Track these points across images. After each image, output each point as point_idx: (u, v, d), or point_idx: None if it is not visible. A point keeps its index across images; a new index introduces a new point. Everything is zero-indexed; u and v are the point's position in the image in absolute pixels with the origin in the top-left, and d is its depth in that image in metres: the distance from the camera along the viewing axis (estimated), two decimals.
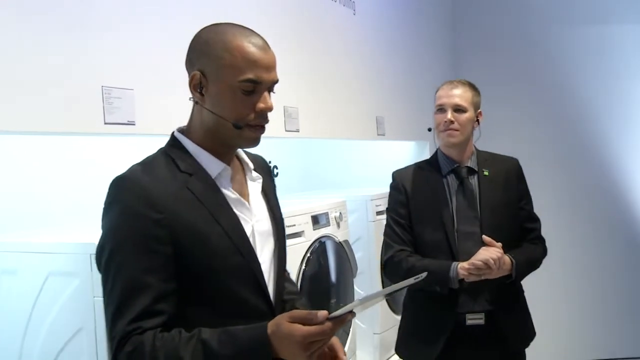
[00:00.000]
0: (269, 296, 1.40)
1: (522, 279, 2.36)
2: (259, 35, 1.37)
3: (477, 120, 2.41)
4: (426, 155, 4.08)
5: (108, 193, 1.30)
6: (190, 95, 1.38)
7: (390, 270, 2.43)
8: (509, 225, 2.36)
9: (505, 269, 2.25)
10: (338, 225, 2.83)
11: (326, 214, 2.73)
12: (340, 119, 3.18)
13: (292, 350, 1.20)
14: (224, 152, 1.40)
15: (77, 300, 1.69)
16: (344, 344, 2.82)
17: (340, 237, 2.81)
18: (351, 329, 2.87)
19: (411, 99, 4.05)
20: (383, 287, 3.28)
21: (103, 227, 1.30)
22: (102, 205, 1.32)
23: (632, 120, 4.77)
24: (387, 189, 3.47)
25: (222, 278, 1.32)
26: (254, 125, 1.35)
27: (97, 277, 1.62)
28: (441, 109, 2.38)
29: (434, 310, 2.36)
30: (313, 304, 2.63)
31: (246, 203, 1.41)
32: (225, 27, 1.36)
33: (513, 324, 2.36)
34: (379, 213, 3.31)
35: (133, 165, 1.36)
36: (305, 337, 1.18)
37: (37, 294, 1.76)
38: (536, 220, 2.48)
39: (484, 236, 2.24)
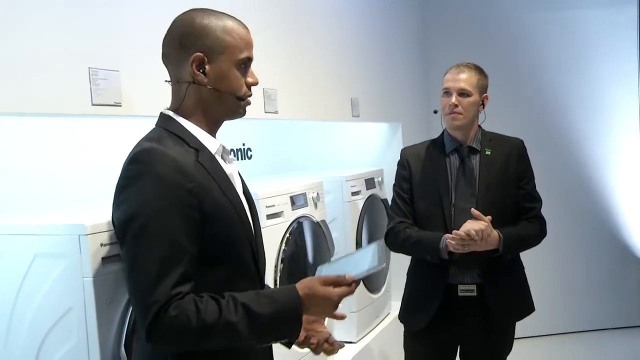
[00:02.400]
0: (258, 261, 1.55)
1: (511, 254, 2.44)
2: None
3: (483, 104, 2.51)
4: (398, 135, 4.16)
5: (132, 167, 1.35)
6: (168, 78, 1.47)
7: (390, 240, 2.59)
8: (504, 203, 2.46)
9: (492, 242, 2.34)
10: (315, 205, 2.87)
11: (304, 194, 2.77)
12: (318, 100, 3.21)
13: (325, 308, 1.42)
14: (214, 130, 1.53)
15: (66, 281, 1.69)
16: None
17: (317, 217, 2.86)
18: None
19: (384, 81, 4.10)
20: None
21: (128, 197, 1.33)
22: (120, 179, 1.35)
23: (599, 104, 4.91)
24: (362, 171, 3.57)
25: (233, 244, 1.45)
26: (246, 98, 1.51)
27: (86, 258, 1.66)
28: (447, 92, 2.49)
29: (429, 280, 2.51)
30: (293, 282, 2.68)
31: (235, 180, 1.53)
32: (215, 12, 1.48)
33: (503, 297, 2.45)
34: (354, 194, 3.37)
35: (142, 141, 1.41)
36: (340, 297, 1.42)
37: (24, 275, 1.75)
38: (537, 200, 2.55)
39: (472, 209, 2.32)
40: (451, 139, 2.54)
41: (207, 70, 1.43)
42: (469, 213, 2.34)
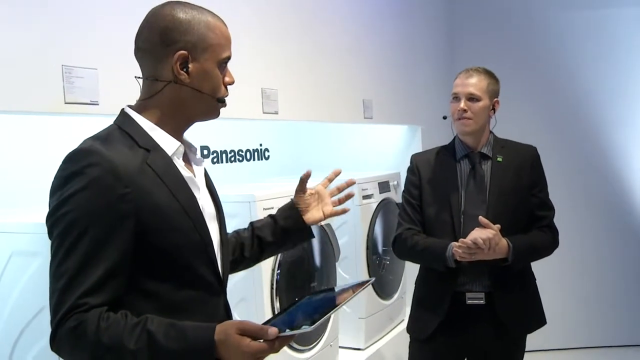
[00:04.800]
0: (218, 271, 1.45)
1: (520, 264, 2.34)
2: None
3: (493, 109, 2.44)
4: (417, 139, 4.06)
5: (67, 165, 1.26)
6: (139, 75, 1.38)
7: (397, 246, 2.53)
8: (514, 211, 2.37)
9: (500, 251, 2.25)
10: None
11: None
12: (323, 101, 3.14)
13: None
14: (180, 130, 1.43)
15: (38, 280, 1.67)
16: (326, 327, 2.81)
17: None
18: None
19: (403, 83, 4.00)
20: (369, 271, 3.28)
21: (59, 197, 1.25)
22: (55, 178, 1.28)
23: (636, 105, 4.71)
24: (375, 174, 3.50)
25: (182, 253, 1.34)
26: (224, 100, 1.44)
27: None
28: (456, 97, 2.42)
29: (437, 287, 2.44)
30: (295, 287, 2.63)
31: (197, 182, 1.43)
32: (194, 6, 1.40)
33: (513, 308, 2.36)
34: (365, 197, 3.30)
35: (87, 139, 1.33)
36: (254, 354, 1.20)
37: (1, 273, 1.76)
38: (549, 208, 2.46)
39: (480, 217, 2.23)
40: (462, 144, 2.45)
41: (190, 69, 1.35)
42: (478, 220, 2.25)
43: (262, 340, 1.20)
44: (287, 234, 1.75)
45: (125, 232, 1.25)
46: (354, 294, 1.37)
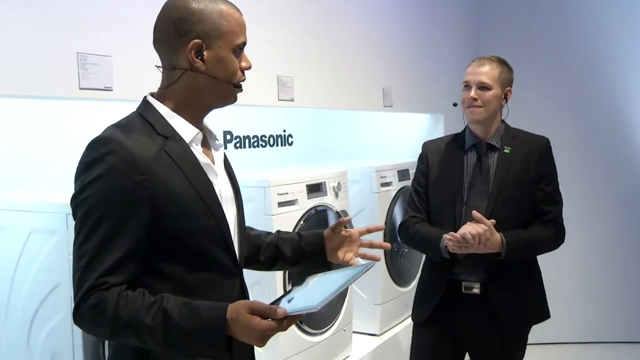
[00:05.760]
0: (235, 255, 1.49)
1: (515, 258, 2.32)
2: None
3: (506, 98, 2.43)
4: (440, 127, 4.05)
5: (89, 152, 1.34)
6: (159, 64, 1.45)
7: (401, 234, 2.59)
8: (517, 203, 2.36)
9: (493, 246, 2.26)
10: (336, 195, 2.84)
11: (322, 183, 2.75)
12: (341, 89, 3.16)
13: (248, 338, 1.29)
14: (199, 117, 1.49)
15: (55, 257, 1.76)
16: (339, 312, 2.86)
17: (337, 207, 2.83)
18: (347, 297, 2.90)
19: (423, 71, 3.98)
20: (386, 259, 3.30)
21: (82, 182, 1.33)
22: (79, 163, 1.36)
23: None
24: (395, 161, 3.52)
25: (195, 238, 1.40)
26: (240, 85, 1.48)
27: (72, 235, 1.71)
28: (467, 86, 2.43)
29: (436, 274, 2.48)
30: (308, 273, 2.67)
31: (214, 168, 1.49)
32: None
33: (509, 300, 2.35)
34: (384, 185, 3.31)
35: (109, 127, 1.40)
36: (263, 331, 1.27)
37: (21, 250, 1.84)
38: (556, 203, 2.42)
39: (473, 212, 2.24)
40: (471, 134, 2.46)
41: (205, 57, 1.41)
42: (479, 211, 2.25)
43: (270, 320, 1.27)
44: (304, 258, 1.77)
45: (140, 218, 1.32)
46: (357, 276, 1.43)
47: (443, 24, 4.27)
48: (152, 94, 1.48)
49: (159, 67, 1.46)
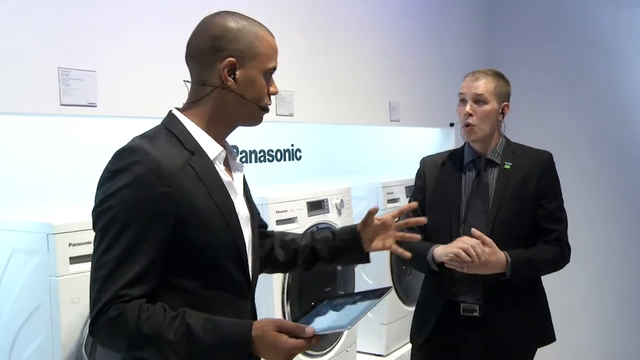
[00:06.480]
0: (248, 272, 1.49)
1: (520, 279, 2.22)
2: None
3: (503, 113, 2.33)
4: (451, 141, 3.96)
5: (115, 161, 1.34)
6: (187, 79, 1.47)
7: None
8: (517, 221, 2.26)
9: (497, 266, 2.16)
10: (339, 212, 2.77)
11: (325, 200, 2.68)
12: (345, 103, 3.08)
13: (273, 356, 1.32)
14: (223, 135, 1.50)
15: (35, 278, 1.71)
16: (341, 333, 2.77)
17: (340, 224, 2.75)
18: None
19: (432, 84, 3.88)
20: (392, 276, 3.22)
21: (105, 191, 1.32)
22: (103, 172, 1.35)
23: None
24: (402, 177, 3.43)
25: (212, 251, 1.40)
26: (267, 108, 1.51)
27: (53, 256, 1.68)
28: (462, 100, 2.34)
29: (432, 295, 2.39)
30: (308, 292, 2.61)
31: (235, 187, 1.49)
32: (245, 17, 1.47)
33: (509, 323, 2.24)
34: (390, 201, 3.23)
35: (135, 138, 1.39)
36: (289, 350, 1.31)
37: (4, 269, 1.80)
38: (560, 221, 2.31)
39: (472, 229, 2.15)
40: (470, 150, 2.37)
41: (237, 75, 1.42)
42: (478, 230, 2.17)
43: (298, 338, 1.31)
44: (341, 255, 1.79)
45: (163, 229, 1.32)
46: (379, 299, 1.47)
47: (454, 35, 4.17)
48: (177, 109, 1.48)
49: (187, 81, 1.47)
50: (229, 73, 1.41)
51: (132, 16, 1.90)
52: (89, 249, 1.70)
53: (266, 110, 1.50)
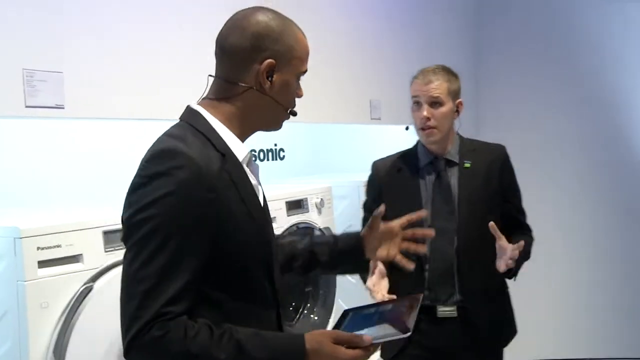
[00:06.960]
0: (274, 283, 1.41)
1: (519, 268, 2.20)
2: None
3: (457, 111, 2.28)
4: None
5: (151, 165, 1.24)
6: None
7: None
8: (487, 220, 2.15)
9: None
10: (319, 211, 2.75)
11: (304, 199, 2.66)
12: (324, 101, 3.05)
13: None
14: (244, 137, 1.40)
15: (2, 284, 1.68)
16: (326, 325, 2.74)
17: (321, 224, 2.74)
18: (334, 308, 2.78)
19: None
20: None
21: (142, 197, 1.22)
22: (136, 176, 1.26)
23: None
24: None
25: (245, 259, 1.33)
26: (294, 112, 1.44)
27: (20, 261, 1.64)
28: (417, 103, 2.26)
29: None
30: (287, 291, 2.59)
31: (260, 190, 1.43)
32: (284, 16, 1.41)
33: (488, 319, 2.24)
34: None
35: (167, 138, 1.29)
36: None
37: None
38: (523, 211, 2.35)
39: (490, 223, 2.06)
40: (426, 151, 2.28)
41: (274, 78, 1.34)
42: (446, 233, 2.14)
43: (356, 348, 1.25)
44: (341, 261, 1.72)
45: (205, 240, 1.24)
46: (414, 309, 1.41)
47: (437, 32, 4.15)
48: (198, 104, 1.38)
49: (211, 75, 1.38)
50: (267, 75, 1.33)
51: (100, 16, 1.88)
52: (58, 253, 1.71)
53: (294, 114, 1.43)
